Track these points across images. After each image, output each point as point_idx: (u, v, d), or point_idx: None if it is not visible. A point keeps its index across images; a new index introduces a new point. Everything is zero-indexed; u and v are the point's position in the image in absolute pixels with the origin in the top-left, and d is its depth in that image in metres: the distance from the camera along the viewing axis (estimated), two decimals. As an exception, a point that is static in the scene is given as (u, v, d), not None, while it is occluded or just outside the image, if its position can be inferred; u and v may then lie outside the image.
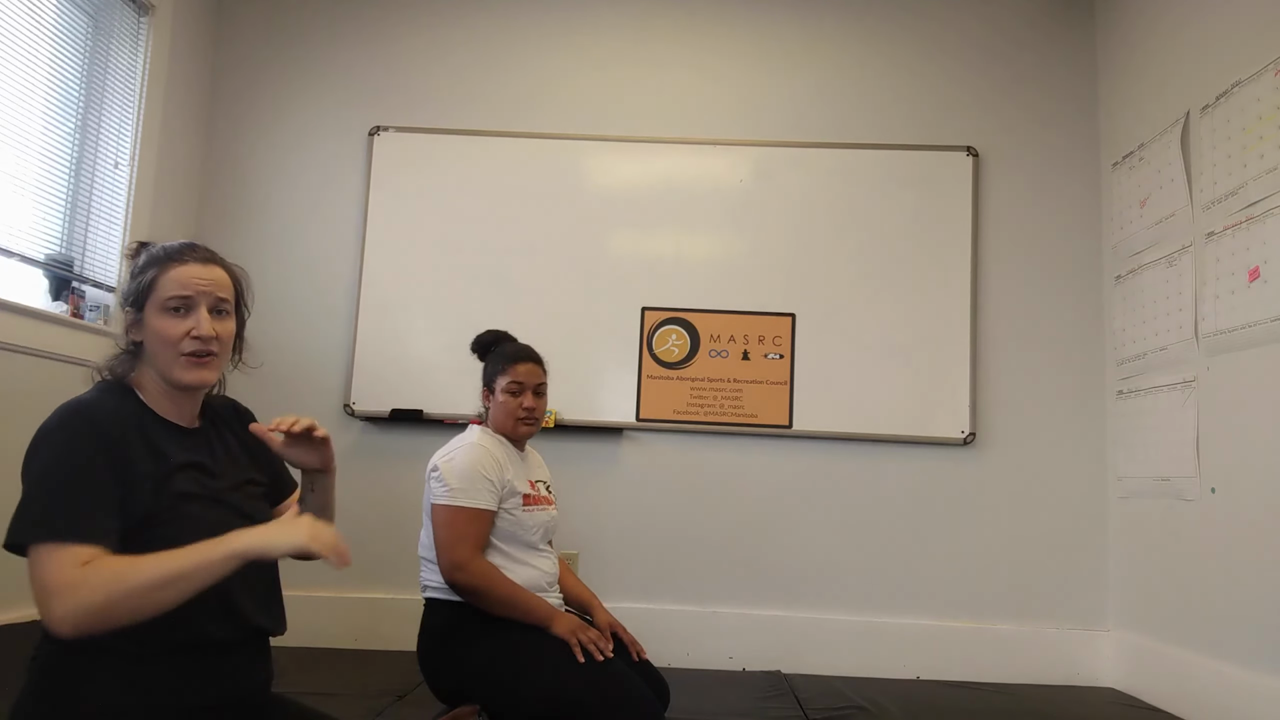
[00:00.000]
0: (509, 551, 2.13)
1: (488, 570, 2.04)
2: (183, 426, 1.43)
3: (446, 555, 2.02)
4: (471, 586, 2.01)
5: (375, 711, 2.50)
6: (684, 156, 3.61)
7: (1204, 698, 2.72)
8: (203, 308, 1.39)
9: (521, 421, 2.21)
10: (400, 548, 3.37)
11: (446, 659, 2.06)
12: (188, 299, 1.38)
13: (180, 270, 1.39)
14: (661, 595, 3.40)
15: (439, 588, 2.09)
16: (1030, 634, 3.34)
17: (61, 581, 1.19)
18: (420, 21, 3.72)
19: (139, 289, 1.39)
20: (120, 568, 1.21)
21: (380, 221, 3.58)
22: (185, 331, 1.37)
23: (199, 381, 1.40)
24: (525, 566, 2.13)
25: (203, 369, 1.39)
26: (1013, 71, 3.62)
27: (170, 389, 1.41)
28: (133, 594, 1.19)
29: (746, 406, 3.47)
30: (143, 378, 1.41)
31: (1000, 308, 3.50)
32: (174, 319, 1.37)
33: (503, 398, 2.21)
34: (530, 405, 2.21)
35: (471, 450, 2.13)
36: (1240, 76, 2.68)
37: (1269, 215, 2.52)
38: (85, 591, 1.18)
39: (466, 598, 2.02)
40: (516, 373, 2.21)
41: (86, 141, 3.04)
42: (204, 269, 1.41)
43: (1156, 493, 3.04)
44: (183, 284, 1.38)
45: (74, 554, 1.21)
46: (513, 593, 2.04)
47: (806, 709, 2.74)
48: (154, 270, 1.39)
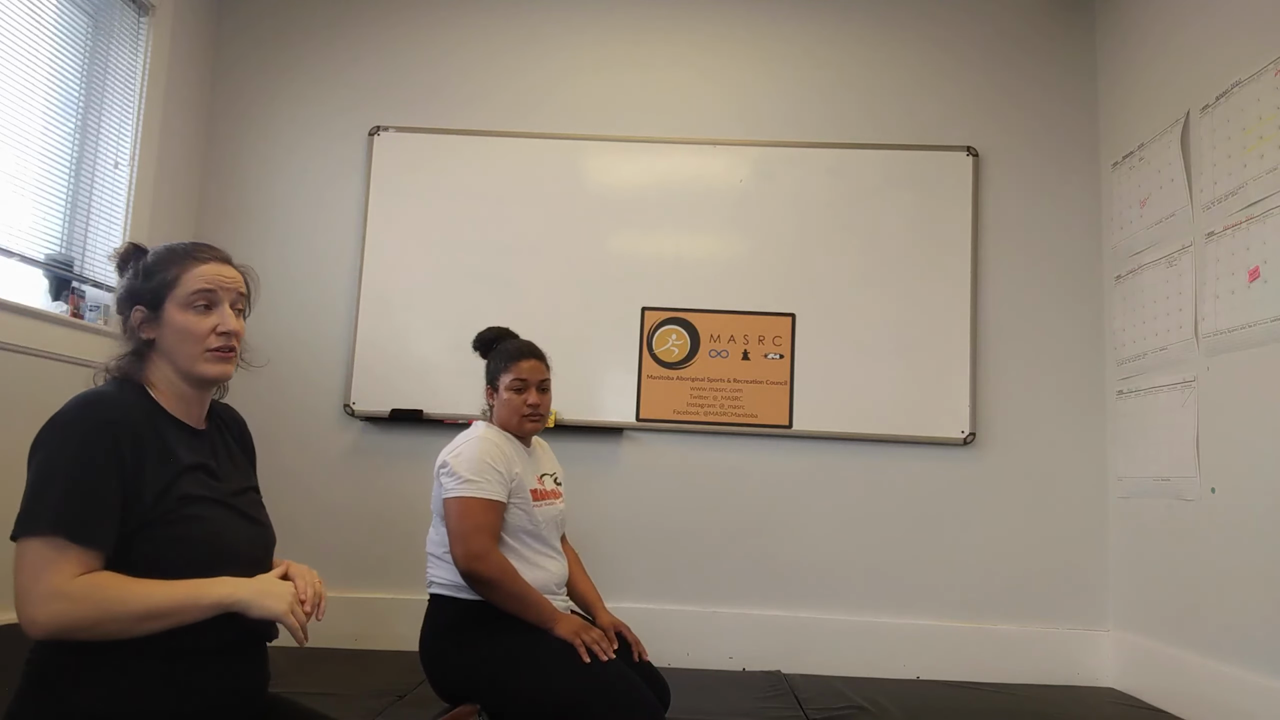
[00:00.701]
0: (520, 550, 2.12)
1: (504, 564, 2.04)
2: (192, 427, 1.44)
3: (463, 545, 2.01)
4: (488, 577, 2.00)
5: (375, 711, 2.50)
6: (684, 156, 3.61)
7: (1204, 698, 2.72)
8: (226, 304, 1.42)
9: (526, 418, 2.21)
10: (400, 548, 3.38)
11: (449, 656, 2.06)
12: (213, 295, 1.41)
13: (205, 268, 1.42)
14: (661, 595, 3.40)
15: (446, 584, 2.09)
16: (1030, 634, 3.34)
17: (50, 586, 1.20)
18: (420, 21, 3.72)
19: (157, 286, 1.40)
20: (114, 592, 1.23)
21: (380, 221, 3.58)
22: (211, 327, 1.40)
23: (222, 374, 1.43)
24: (535, 568, 2.13)
25: (225, 363, 1.43)
26: (1013, 71, 3.63)
27: (182, 389, 1.42)
28: (119, 620, 1.23)
29: (746, 406, 3.48)
30: (153, 376, 1.42)
31: (1000, 308, 3.50)
32: (199, 315, 1.40)
33: (507, 395, 2.21)
34: (535, 401, 2.21)
35: (479, 443, 2.13)
36: (1240, 76, 2.68)
37: (1269, 215, 2.52)
38: (77, 606, 1.20)
39: (479, 589, 2.02)
40: (520, 369, 2.21)
41: (86, 141, 3.04)
42: (224, 267, 1.45)
43: (1156, 493, 3.04)
44: (208, 280, 1.41)
45: (69, 558, 1.22)
46: (524, 590, 2.04)
47: (806, 709, 2.74)
48: (175, 268, 1.41)
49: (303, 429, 3.47)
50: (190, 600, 1.26)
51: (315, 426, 3.50)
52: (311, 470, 3.45)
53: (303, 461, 3.45)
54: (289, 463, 3.42)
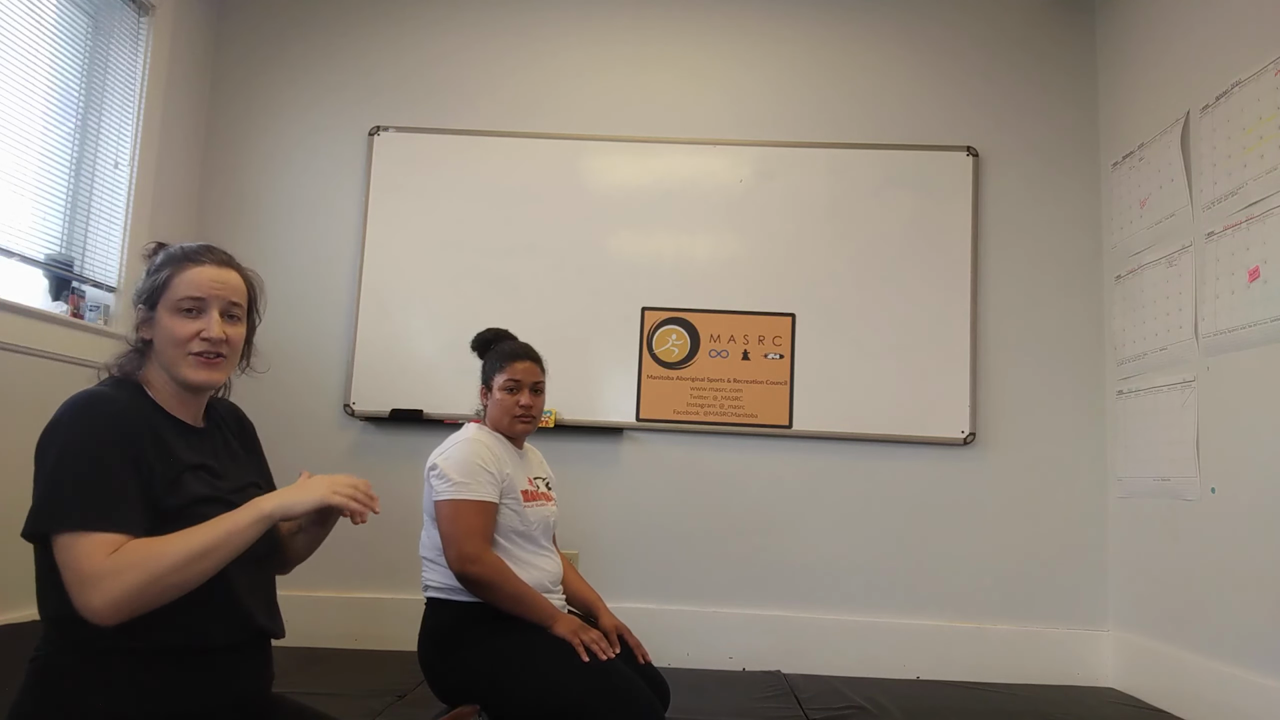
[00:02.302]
0: (511, 550, 2.13)
1: (499, 565, 2.04)
2: (190, 425, 1.44)
3: (456, 548, 2.01)
4: (483, 579, 2.00)
5: (375, 711, 2.50)
6: (684, 156, 3.61)
7: (1204, 698, 2.72)
8: (214, 310, 1.40)
9: (518, 419, 2.21)
10: (400, 548, 3.38)
11: (448, 659, 2.05)
12: (200, 300, 1.39)
13: (195, 272, 1.40)
14: (661, 595, 3.40)
15: (440, 588, 2.09)
16: (1030, 634, 3.34)
17: (96, 569, 1.20)
18: (420, 21, 3.72)
19: (153, 287, 1.40)
20: (155, 547, 1.23)
21: (380, 221, 3.58)
22: (195, 332, 1.38)
23: (206, 381, 1.41)
24: (529, 568, 2.13)
25: (211, 369, 1.41)
26: (1013, 71, 3.63)
27: (178, 388, 1.42)
28: (174, 569, 1.22)
29: (746, 406, 3.48)
30: (151, 375, 1.42)
31: (1000, 308, 3.50)
32: (185, 319, 1.39)
33: (500, 395, 2.21)
34: (527, 403, 2.21)
35: (468, 445, 2.13)
36: (1240, 76, 2.68)
37: (1269, 215, 2.52)
38: (126, 575, 1.20)
39: (476, 591, 2.02)
40: (514, 370, 2.21)
41: (86, 141, 3.04)
42: (219, 272, 1.42)
43: (1156, 493, 3.04)
44: (196, 285, 1.39)
45: (103, 541, 1.22)
46: (521, 589, 2.04)
47: (806, 709, 2.74)
48: (169, 270, 1.40)
49: (303, 429, 3.47)
50: (233, 524, 1.28)
51: (315, 427, 3.50)
52: (312, 470, 3.43)
53: (303, 462, 3.38)
54: (289, 463, 3.37)
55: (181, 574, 1.23)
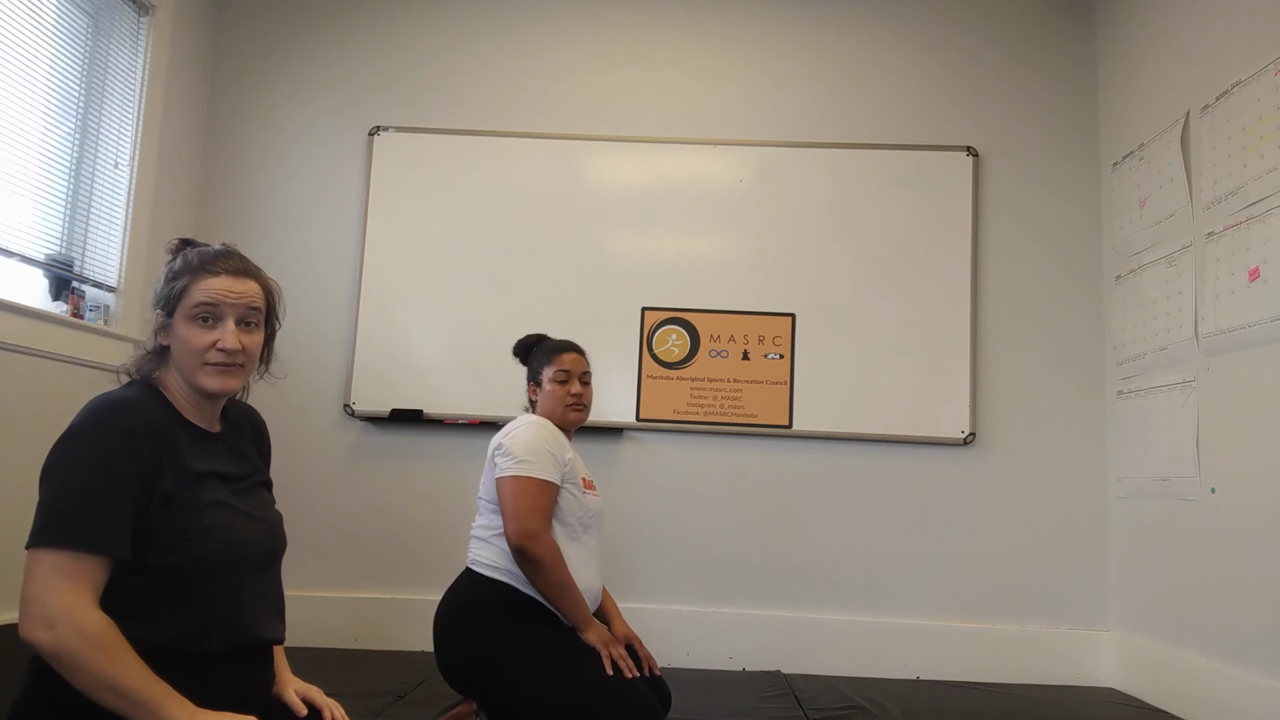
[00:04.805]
0: (567, 538, 2.12)
1: (556, 549, 2.05)
2: (206, 430, 1.44)
3: (517, 523, 2.02)
4: (539, 558, 2.01)
5: (375, 711, 2.49)
6: (684, 156, 3.61)
7: (1204, 698, 2.72)
8: (230, 320, 1.40)
9: (570, 408, 2.26)
10: (400, 548, 3.39)
11: (464, 631, 2.05)
12: (215, 309, 1.39)
13: (211, 281, 1.40)
14: (661, 595, 3.40)
15: (487, 564, 2.10)
16: (1030, 634, 3.34)
17: (58, 606, 1.20)
18: (420, 21, 3.72)
19: (171, 294, 1.40)
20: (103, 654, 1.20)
21: (380, 221, 3.58)
22: (211, 343, 1.38)
23: (222, 389, 1.41)
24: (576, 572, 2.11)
25: (227, 377, 1.41)
26: (1013, 71, 3.62)
27: (194, 394, 1.42)
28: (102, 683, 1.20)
29: (746, 406, 3.47)
30: (168, 379, 1.42)
31: (1000, 307, 3.50)
32: (201, 329, 1.39)
33: (550, 386, 2.26)
34: (578, 391, 2.27)
35: (535, 426, 2.16)
36: (1240, 76, 2.68)
37: (1269, 215, 2.52)
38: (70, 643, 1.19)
39: (526, 568, 2.02)
40: (563, 361, 2.28)
41: (86, 141, 3.04)
42: (235, 281, 1.42)
43: (1156, 493, 3.04)
44: (211, 295, 1.39)
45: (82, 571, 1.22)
46: (568, 580, 2.05)
47: (806, 709, 2.74)
48: (186, 278, 1.40)
49: (303, 429, 3.47)
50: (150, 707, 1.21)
51: (315, 427, 3.50)
52: (311, 470, 3.44)
53: (303, 462, 3.44)
54: (289, 463, 3.38)
55: (94, 687, 1.20)
